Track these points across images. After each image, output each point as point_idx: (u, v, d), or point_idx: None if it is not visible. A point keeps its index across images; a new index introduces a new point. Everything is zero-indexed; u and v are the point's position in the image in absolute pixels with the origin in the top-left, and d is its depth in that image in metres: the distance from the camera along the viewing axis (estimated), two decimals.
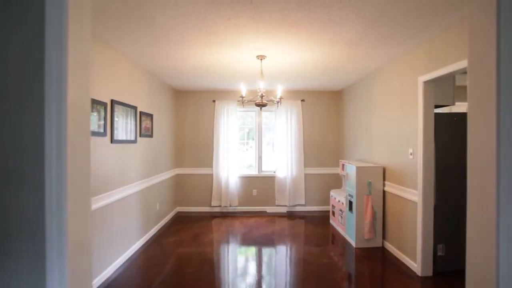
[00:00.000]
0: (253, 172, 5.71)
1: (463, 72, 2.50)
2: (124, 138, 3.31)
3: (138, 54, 3.27)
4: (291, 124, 5.53)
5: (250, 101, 3.48)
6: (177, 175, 5.53)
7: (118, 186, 3.16)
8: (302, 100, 5.60)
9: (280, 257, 3.51)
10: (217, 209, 5.55)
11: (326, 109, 5.69)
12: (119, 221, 3.19)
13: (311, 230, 4.48)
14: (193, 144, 5.59)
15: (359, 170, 3.68)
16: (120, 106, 3.21)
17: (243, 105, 3.50)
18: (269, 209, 5.60)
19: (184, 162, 5.58)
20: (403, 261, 3.24)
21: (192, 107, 5.59)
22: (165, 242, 3.91)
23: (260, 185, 5.62)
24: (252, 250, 3.75)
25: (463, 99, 4.89)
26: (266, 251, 3.71)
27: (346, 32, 2.59)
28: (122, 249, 3.27)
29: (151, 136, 4.17)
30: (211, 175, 5.54)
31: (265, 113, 5.79)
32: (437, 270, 2.96)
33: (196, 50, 3.13)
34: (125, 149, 3.35)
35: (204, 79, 4.52)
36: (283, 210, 5.60)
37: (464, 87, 4.67)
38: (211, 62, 3.58)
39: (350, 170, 3.87)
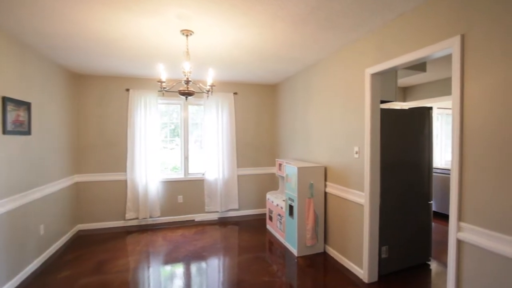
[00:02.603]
0: (179, 175, 4.87)
1: (412, 65, 2.32)
2: None
3: None
4: (222, 120, 4.90)
5: (171, 91, 2.71)
6: (77, 184, 4.27)
7: None
8: (235, 93, 5.04)
9: (213, 282, 2.87)
10: (133, 223, 4.52)
11: (261, 103, 5.26)
12: None
13: (247, 239, 3.96)
14: (99, 143, 4.40)
15: (301, 171, 3.32)
16: None
17: (163, 94, 2.71)
18: (198, 216, 4.87)
19: (86, 167, 4.35)
20: (348, 267, 3.02)
21: (97, 96, 4.39)
22: (53, 281, 2.81)
23: (187, 190, 4.83)
24: (179, 275, 3.00)
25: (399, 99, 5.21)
26: (195, 275, 3.01)
27: (294, 4, 2.10)
28: None
29: (27, 133, 2.95)
30: (125, 181, 4.47)
31: (193, 107, 5.01)
32: (380, 273, 2.81)
33: (91, 12, 2.19)
34: None
35: (111, 59, 3.47)
36: (214, 216, 4.95)
37: (403, 88, 4.93)
38: (117, 34, 2.65)
39: (291, 171, 3.49)
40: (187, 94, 2.59)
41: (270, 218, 4.28)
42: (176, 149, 4.97)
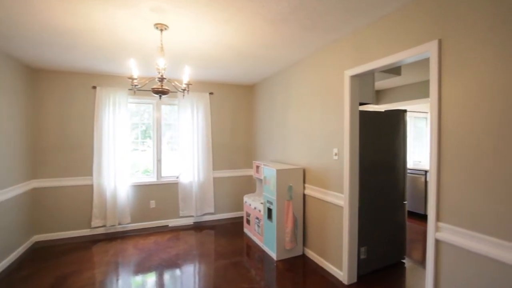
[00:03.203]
0: (151, 178, 4.61)
1: (389, 68, 2.36)
2: None
3: None
4: (197, 120, 4.72)
5: (143, 89, 2.52)
6: (34, 190, 3.86)
7: None
8: (211, 93, 4.88)
9: None
10: (100, 231, 4.19)
11: (238, 104, 5.16)
12: None
13: (224, 244, 3.83)
14: (62, 145, 4.02)
15: (280, 173, 3.26)
16: None
17: (135, 92, 2.51)
18: (172, 222, 4.64)
19: (46, 171, 3.95)
20: (327, 269, 3.00)
21: (60, 93, 4.01)
22: None
23: (159, 194, 4.59)
24: (151, 286, 2.79)
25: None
26: (169, 285, 2.82)
27: (276, 2, 2.03)
28: None
29: None
30: (91, 185, 4.13)
31: (166, 107, 4.77)
32: (359, 273, 2.82)
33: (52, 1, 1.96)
34: None
35: (75, 52, 3.18)
36: (189, 221, 4.75)
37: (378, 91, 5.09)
38: (83, 25, 2.41)
39: (269, 173, 3.43)
40: (161, 92, 2.42)
41: (248, 222, 4.18)
42: (148, 151, 4.70)
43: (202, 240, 4.00)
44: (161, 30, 2.44)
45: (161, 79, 2.35)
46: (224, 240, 3.97)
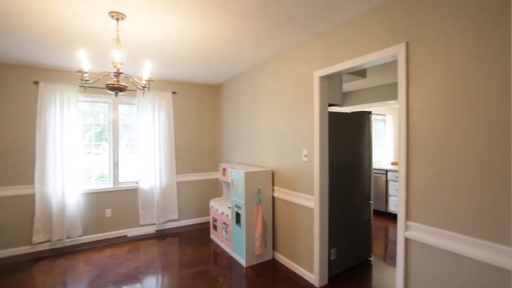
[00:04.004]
0: (106, 185, 4.19)
1: (356, 70, 2.38)
2: None
3: None
4: (159, 121, 4.42)
5: (96, 86, 2.23)
6: None
7: None
8: (174, 93, 4.61)
9: None
10: (44, 247, 3.67)
11: (203, 104, 4.94)
12: None
13: (190, 252, 3.60)
14: None
15: (248, 176, 3.14)
16: None
17: (86, 88, 2.20)
18: (132, 231, 4.27)
19: None
20: (298, 272, 2.95)
21: None
22: None
23: (117, 202, 4.18)
24: None
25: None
26: None
27: None
28: None
29: None
30: (32, 195, 3.61)
31: (124, 107, 4.39)
32: (330, 275, 2.82)
33: None
34: None
35: (14, 41, 2.74)
36: (151, 230, 4.41)
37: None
38: (25, 9, 2.05)
39: (237, 176, 3.29)
40: (117, 89, 2.16)
41: (215, 227, 4.00)
42: (103, 155, 4.27)
43: (165, 249, 3.71)
44: (117, 19, 2.18)
45: (117, 74, 2.09)
46: (189, 249, 3.73)
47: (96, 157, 4.26)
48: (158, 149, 4.39)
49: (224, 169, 4.05)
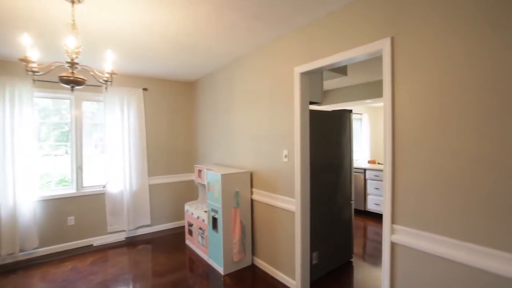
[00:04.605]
0: (69, 190, 3.79)
1: (340, 65, 2.27)
2: None
3: None
4: (128, 120, 4.08)
5: (53, 81, 1.93)
6: None
7: None
8: (145, 89, 4.29)
9: None
10: None
11: (177, 102, 4.65)
12: None
13: (164, 261, 3.34)
14: None
15: (225, 178, 2.95)
16: None
17: (34, 81, 1.88)
18: (98, 240, 3.91)
19: None
20: (279, 278, 2.81)
21: None
22: None
23: (80, 208, 3.81)
24: None
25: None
26: None
27: None
28: None
29: None
30: None
31: (91, 104, 4.01)
32: (312, 279, 2.71)
33: None
34: None
35: None
36: (120, 237, 4.07)
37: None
38: None
39: (213, 178, 3.08)
40: (73, 82, 1.87)
41: (190, 233, 3.76)
42: (65, 157, 3.86)
43: (136, 258, 3.42)
44: (72, 2, 1.89)
45: (72, 65, 1.81)
46: (163, 256, 3.47)
47: (57, 160, 3.85)
48: (128, 149, 4.06)
49: (199, 171, 3.82)
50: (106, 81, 2.08)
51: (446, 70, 1.54)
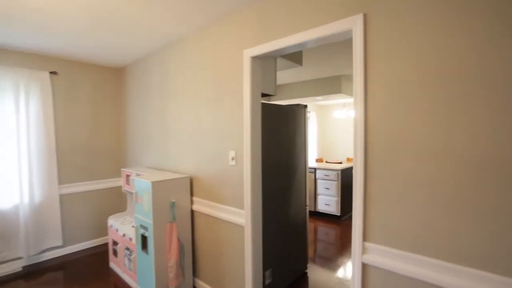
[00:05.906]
0: None
1: (298, 49, 1.89)
2: None
3: None
4: (27, 113, 3.12)
5: None
6: None
7: None
8: (53, 73, 3.34)
9: None
10: None
11: (101, 92, 3.78)
12: None
13: None
14: None
15: (157, 186, 2.34)
16: None
17: None
18: None
19: None
20: None
21: None
22: None
23: None
24: None
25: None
26: None
27: None
28: None
29: None
30: None
31: None
32: None
33: None
34: None
35: None
36: (15, 267, 3.10)
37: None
38: None
39: (141, 187, 2.44)
40: None
41: (115, 253, 3.03)
42: None
43: None
44: None
45: None
46: (79, 286, 2.69)
47: None
48: (27, 150, 3.10)
49: (128, 176, 3.11)
50: None
51: (430, 55, 1.26)
